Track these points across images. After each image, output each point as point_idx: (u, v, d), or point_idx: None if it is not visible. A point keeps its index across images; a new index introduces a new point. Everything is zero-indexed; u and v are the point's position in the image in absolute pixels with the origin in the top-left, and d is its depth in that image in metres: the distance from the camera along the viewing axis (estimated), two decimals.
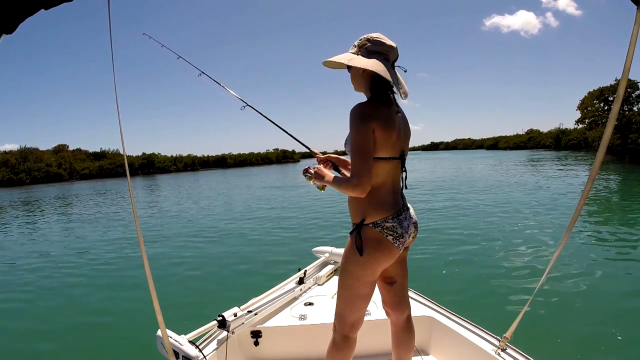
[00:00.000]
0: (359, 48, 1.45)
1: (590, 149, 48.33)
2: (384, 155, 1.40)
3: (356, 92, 1.57)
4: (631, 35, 1.14)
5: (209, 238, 8.23)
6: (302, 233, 8.05)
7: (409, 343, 1.67)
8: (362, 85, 1.50)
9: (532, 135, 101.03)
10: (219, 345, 1.96)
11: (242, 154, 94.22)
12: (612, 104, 1.98)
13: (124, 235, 9.27)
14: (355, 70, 1.48)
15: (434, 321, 2.15)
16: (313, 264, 2.92)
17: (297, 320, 2.21)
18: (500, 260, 5.30)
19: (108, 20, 1.13)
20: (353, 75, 1.51)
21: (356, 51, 1.45)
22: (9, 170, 56.65)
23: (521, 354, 1.74)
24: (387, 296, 1.63)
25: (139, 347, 3.38)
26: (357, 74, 1.49)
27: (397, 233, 1.41)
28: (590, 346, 3.07)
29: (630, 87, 36.18)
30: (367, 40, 1.44)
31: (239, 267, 5.84)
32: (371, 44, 1.43)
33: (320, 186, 1.63)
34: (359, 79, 1.49)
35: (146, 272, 1.23)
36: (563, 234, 1.51)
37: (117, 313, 4.33)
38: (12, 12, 0.80)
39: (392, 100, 1.48)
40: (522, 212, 8.89)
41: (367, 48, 1.43)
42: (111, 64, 1.20)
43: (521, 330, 1.75)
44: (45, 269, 6.63)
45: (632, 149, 30.99)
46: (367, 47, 1.43)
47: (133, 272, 5.98)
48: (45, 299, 5.05)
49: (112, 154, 73.35)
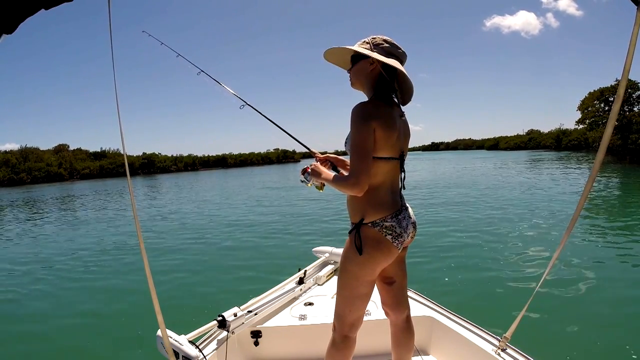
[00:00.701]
0: (374, 46, 1.43)
1: (591, 149, 48.30)
2: (383, 155, 1.40)
3: (356, 93, 1.56)
4: (631, 36, 1.14)
5: (209, 238, 8.23)
6: (302, 233, 8.05)
7: (408, 343, 1.67)
8: (365, 84, 1.49)
9: (533, 135, 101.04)
10: (219, 345, 1.96)
11: (242, 153, 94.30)
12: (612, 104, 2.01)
13: (124, 235, 9.28)
14: (362, 67, 1.46)
15: (434, 321, 2.15)
16: (313, 264, 2.92)
17: (297, 320, 2.21)
18: (500, 260, 5.30)
19: (108, 20, 1.13)
20: (358, 70, 1.48)
21: (370, 48, 1.43)
22: (9, 169, 56.73)
23: (521, 354, 1.74)
24: (386, 296, 1.63)
25: (139, 347, 3.38)
26: (363, 70, 1.46)
27: (396, 232, 1.41)
28: (590, 346, 3.06)
29: (631, 88, 36.14)
30: (383, 41, 1.44)
31: (239, 267, 5.84)
32: (389, 46, 1.44)
33: (319, 186, 1.63)
34: (365, 76, 1.47)
35: (146, 272, 1.23)
36: (563, 234, 1.51)
37: (117, 313, 4.33)
38: (12, 12, 0.80)
39: (394, 102, 1.49)
40: (522, 212, 8.88)
41: (384, 48, 1.43)
42: (111, 63, 1.20)
43: (521, 330, 1.75)
44: (44, 268, 6.63)
45: (632, 150, 30.95)
46: (384, 48, 1.43)
47: (133, 272, 5.98)
48: (45, 299, 5.05)
49: (112, 154, 73.45)
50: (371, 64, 1.44)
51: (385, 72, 1.43)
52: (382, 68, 1.43)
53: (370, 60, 1.43)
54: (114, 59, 1.20)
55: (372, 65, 1.44)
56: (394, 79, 1.46)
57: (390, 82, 1.44)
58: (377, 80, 1.45)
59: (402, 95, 1.51)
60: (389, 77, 1.44)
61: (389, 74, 1.44)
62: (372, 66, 1.44)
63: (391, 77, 1.44)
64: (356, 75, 1.50)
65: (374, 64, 1.44)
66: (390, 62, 1.39)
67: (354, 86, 1.54)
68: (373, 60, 1.42)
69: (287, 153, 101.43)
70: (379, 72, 1.44)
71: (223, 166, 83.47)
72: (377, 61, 1.42)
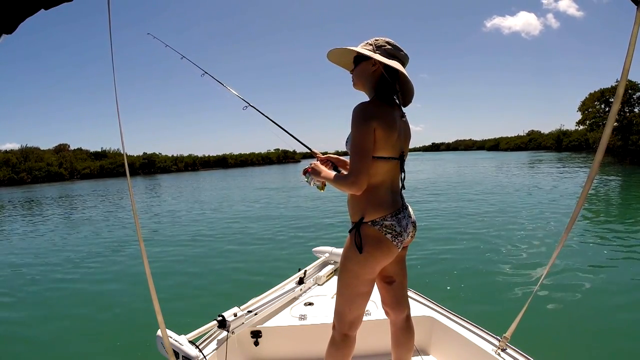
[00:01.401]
0: (377, 47, 1.45)
1: (591, 150, 48.23)
2: (384, 155, 1.41)
3: (358, 93, 1.57)
4: (631, 36, 1.14)
5: (209, 238, 8.23)
6: (302, 233, 8.05)
7: (408, 343, 1.67)
8: (367, 84, 1.50)
9: (533, 136, 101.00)
10: (219, 345, 1.96)
11: (242, 154, 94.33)
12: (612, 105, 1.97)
13: (124, 235, 9.28)
14: (365, 68, 1.48)
15: (434, 321, 2.15)
16: (313, 264, 2.92)
17: (297, 320, 2.22)
18: (500, 260, 5.30)
19: (108, 20, 1.13)
20: (361, 71, 1.50)
21: (372, 49, 1.44)
22: (10, 169, 56.76)
23: (521, 354, 1.74)
24: (386, 296, 1.63)
25: (139, 347, 3.38)
26: (365, 71, 1.48)
27: (395, 231, 1.41)
28: (590, 346, 3.06)
29: (631, 89, 36.14)
30: (386, 43, 1.45)
31: (239, 267, 5.84)
32: (391, 48, 1.45)
33: (320, 186, 1.64)
34: (368, 77, 1.48)
35: (146, 272, 1.23)
36: (562, 234, 1.51)
37: (117, 313, 4.33)
38: (12, 12, 0.80)
39: (396, 103, 1.50)
40: (521, 212, 8.88)
41: (386, 50, 1.44)
42: (111, 63, 1.20)
43: (521, 330, 1.75)
44: (44, 268, 6.64)
45: (632, 151, 30.95)
46: (387, 49, 1.44)
47: (133, 272, 5.98)
48: (44, 299, 5.05)
49: (113, 154, 73.47)
50: (373, 65, 1.45)
51: (387, 74, 1.44)
52: (383, 69, 1.44)
53: (373, 61, 1.45)
54: (114, 59, 1.21)
55: (374, 67, 1.45)
56: (395, 81, 1.47)
57: (391, 83, 1.46)
58: (379, 81, 1.47)
59: (403, 97, 1.52)
60: (390, 78, 1.45)
61: (391, 76, 1.45)
62: (374, 67, 1.46)
63: (393, 79, 1.46)
64: (358, 76, 1.51)
65: (375, 65, 1.45)
66: (392, 63, 1.41)
67: (356, 87, 1.55)
68: (375, 61, 1.44)
69: (288, 153, 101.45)
70: (380, 73, 1.45)
71: (223, 166, 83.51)
72: (379, 62, 1.43)
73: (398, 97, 1.51)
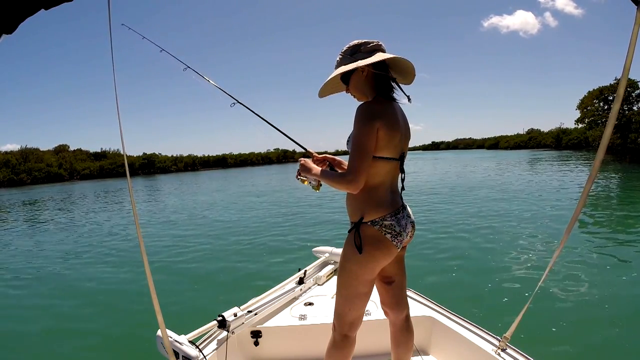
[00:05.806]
0: (354, 54, 1.46)
1: (591, 148, 48.29)
2: (385, 155, 1.41)
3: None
4: (631, 35, 1.14)
5: (209, 238, 8.23)
6: (302, 233, 8.05)
7: (407, 343, 1.67)
8: (366, 90, 1.50)
9: (533, 135, 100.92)
10: (219, 345, 1.96)
11: (242, 153, 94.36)
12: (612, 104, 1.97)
13: (124, 235, 9.27)
14: (357, 78, 1.49)
15: (434, 321, 2.15)
16: (313, 264, 2.92)
17: (297, 320, 2.21)
18: (500, 260, 5.30)
19: (108, 20, 1.13)
20: (355, 84, 1.51)
21: (351, 60, 1.46)
22: (9, 170, 56.66)
23: (521, 353, 1.74)
24: (385, 296, 1.63)
25: (139, 347, 3.38)
26: (359, 81, 1.49)
27: (395, 231, 1.41)
28: (590, 346, 3.06)
29: (631, 87, 36.13)
30: (359, 44, 1.47)
31: (239, 267, 5.84)
32: (364, 46, 1.46)
33: (315, 185, 1.63)
34: (364, 84, 1.49)
35: (146, 271, 1.23)
36: (563, 234, 1.51)
37: (117, 313, 4.33)
38: (12, 12, 0.80)
39: (394, 98, 1.50)
40: (521, 212, 8.88)
41: (362, 50, 1.46)
42: (111, 64, 1.20)
43: (521, 330, 1.75)
44: (44, 268, 6.63)
45: (632, 149, 30.96)
46: (363, 49, 1.46)
47: (133, 271, 5.98)
48: (44, 299, 5.05)
49: (112, 154, 73.45)
50: (362, 72, 1.47)
51: (378, 70, 1.45)
52: (373, 68, 1.45)
53: (360, 69, 1.46)
54: (114, 59, 1.20)
55: (364, 72, 1.47)
56: (387, 70, 1.48)
57: (386, 75, 1.47)
58: (375, 81, 1.47)
59: (403, 77, 1.53)
60: (383, 71, 1.46)
61: (382, 69, 1.46)
62: (364, 73, 1.47)
63: (385, 70, 1.47)
64: (356, 89, 1.53)
65: (365, 71, 1.46)
66: (375, 58, 1.42)
67: (360, 99, 1.54)
68: (363, 67, 1.45)
69: (287, 153, 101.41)
70: (372, 73, 1.46)
71: (223, 166, 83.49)
72: (366, 67, 1.44)
73: (397, 83, 1.51)
